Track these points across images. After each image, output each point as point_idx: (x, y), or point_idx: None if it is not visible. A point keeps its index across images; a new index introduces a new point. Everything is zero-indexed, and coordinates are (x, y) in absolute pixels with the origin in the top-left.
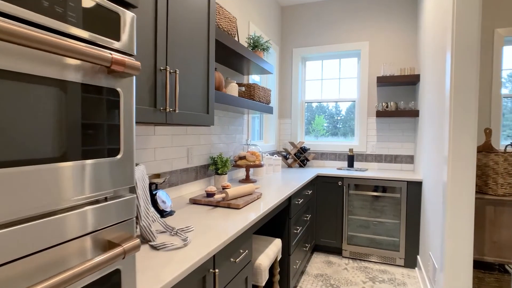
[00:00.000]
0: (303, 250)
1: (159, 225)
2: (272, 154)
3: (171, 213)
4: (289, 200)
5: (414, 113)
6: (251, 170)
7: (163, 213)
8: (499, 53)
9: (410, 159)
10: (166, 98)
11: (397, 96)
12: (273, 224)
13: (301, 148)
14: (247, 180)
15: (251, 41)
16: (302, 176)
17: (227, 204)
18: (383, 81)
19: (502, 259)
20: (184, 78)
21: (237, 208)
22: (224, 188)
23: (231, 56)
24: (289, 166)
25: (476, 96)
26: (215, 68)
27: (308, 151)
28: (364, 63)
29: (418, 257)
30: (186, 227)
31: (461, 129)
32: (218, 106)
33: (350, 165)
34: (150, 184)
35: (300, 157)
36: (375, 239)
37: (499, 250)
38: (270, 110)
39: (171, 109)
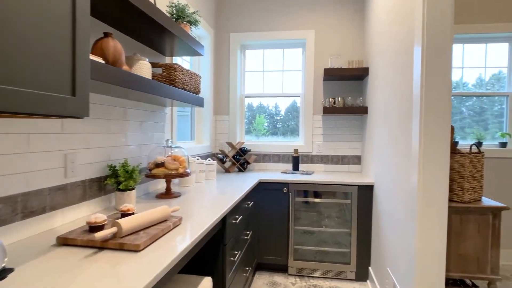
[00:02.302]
0: (243, 276)
1: None
2: (207, 157)
3: (2, 275)
4: (223, 221)
5: (363, 110)
6: (177, 179)
7: None
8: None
9: (357, 160)
10: None
11: (345, 92)
12: (203, 253)
13: (240, 149)
14: (167, 194)
15: (173, 10)
16: (241, 184)
17: (120, 244)
18: (331, 74)
19: (467, 274)
20: (9, 22)
21: (136, 250)
22: (123, 213)
23: (144, 27)
24: (227, 170)
25: (449, 93)
26: (110, 34)
27: (249, 152)
28: (310, 55)
29: (370, 268)
30: None
31: (434, 128)
32: (118, 92)
33: (295, 167)
34: None
35: (239, 159)
36: (324, 251)
37: (465, 264)
38: (199, 102)
39: None
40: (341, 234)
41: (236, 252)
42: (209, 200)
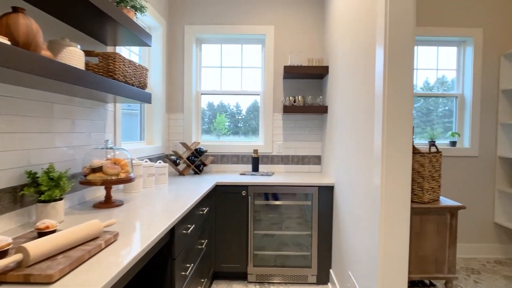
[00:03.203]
0: None
1: None
2: (158, 159)
3: None
4: (171, 233)
5: (323, 109)
6: (121, 185)
7: None
8: None
9: (317, 160)
10: None
11: (305, 90)
12: (146, 271)
13: (196, 150)
14: (107, 203)
15: None
16: (196, 188)
17: (25, 276)
18: (291, 72)
19: (427, 275)
20: None
21: (47, 282)
22: (40, 232)
23: (77, 8)
24: (181, 173)
25: (411, 93)
26: (22, 10)
27: (205, 153)
28: (269, 51)
29: (331, 271)
30: None
31: (396, 128)
32: (36, 82)
33: (255, 169)
34: None
35: (195, 161)
36: (285, 255)
37: (424, 265)
38: (145, 98)
39: None
40: (302, 236)
41: (188, 265)
42: (157, 208)
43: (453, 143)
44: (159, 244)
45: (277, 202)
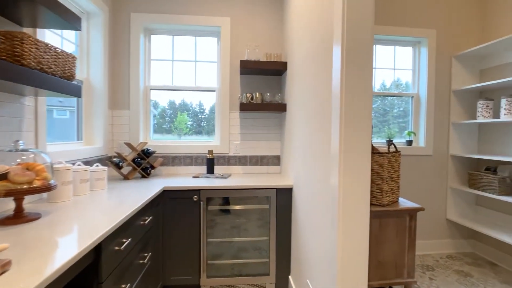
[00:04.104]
0: None
1: None
2: (98, 161)
3: None
4: (97, 251)
5: (282, 107)
6: (45, 193)
7: None
8: None
9: (277, 160)
10: None
11: (263, 87)
12: None
13: (143, 151)
14: (18, 217)
15: None
16: (139, 194)
17: None
18: (248, 67)
19: (387, 281)
20: None
21: None
22: None
23: None
24: (126, 177)
25: (370, 92)
26: None
27: (154, 154)
28: (225, 45)
29: (290, 277)
30: None
31: (355, 127)
32: None
33: (210, 171)
34: None
35: (141, 164)
36: (242, 264)
37: (384, 271)
38: (73, 91)
39: None
40: (260, 242)
41: (124, 286)
42: (83, 221)
43: (410, 142)
44: (76, 267)
45: (232, 207)
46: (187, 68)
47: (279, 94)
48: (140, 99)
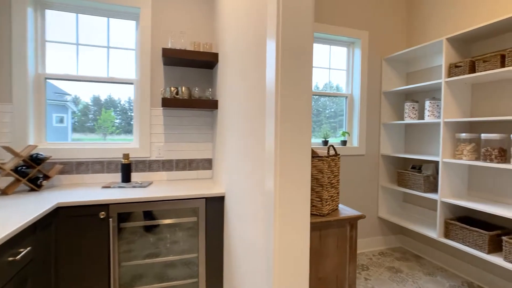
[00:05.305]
0: None
1: None
2: None
3: None
4: None
5: (213, 104)
6: None
7: None
8: None
9: (208, 164)
10: None
11: (192, 81)
12: None
13: (31, 157)
14: None
15: None
16: (11, 218)
17: None
18: (172, 55)
19: None
20: None
21: None
22: None
23: None
24: (4, 192)
25: (309, 90)
26: None
27: (48, 160)
28: (146, 30)
29: None
30: None
31: (293, 129)
32: None
33: (126, 179)
34: None
35: (27, 173)
36: (166, 287)
37: (325, 287)
38: None
39: None
40: (187, 261)
41: None
42: None
43: (344, 142)
44: None
45: (152, 222)
46: (97, 55)
47: (210, 90)
48: (29, 90)
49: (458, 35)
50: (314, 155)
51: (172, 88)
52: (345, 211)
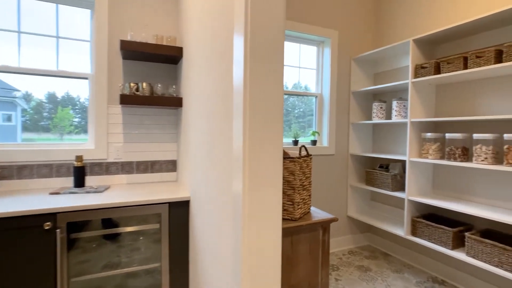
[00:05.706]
0: None
1: None
2: None
3: None
4: None
5: (177, 102)
6: None
7: None
8: None
9: (172, 166)
10: None
11: (154, 77)
12: None
13: None
14: None
15: None
16: None
17: None
18: (131, 49)
19: None
20: None
21: None
22: None
23: None
24: None
25: (281, 88)
26: None
27: None
28: (103, 20)
29: None
30: None
31: (263, 129)
32: None
33: (79, 183)
34: None
35: None
36: None
37: None
38: None
39: None
40: (147, 272)
41: None
42: None
43: (314, 142)
44: None
45: (108, 231)
46: (45, 46)
47: (174, 86)
48: None
49: (424, 36)
50: (285, 156)
51: (132, 84)
52: (318, 214)
